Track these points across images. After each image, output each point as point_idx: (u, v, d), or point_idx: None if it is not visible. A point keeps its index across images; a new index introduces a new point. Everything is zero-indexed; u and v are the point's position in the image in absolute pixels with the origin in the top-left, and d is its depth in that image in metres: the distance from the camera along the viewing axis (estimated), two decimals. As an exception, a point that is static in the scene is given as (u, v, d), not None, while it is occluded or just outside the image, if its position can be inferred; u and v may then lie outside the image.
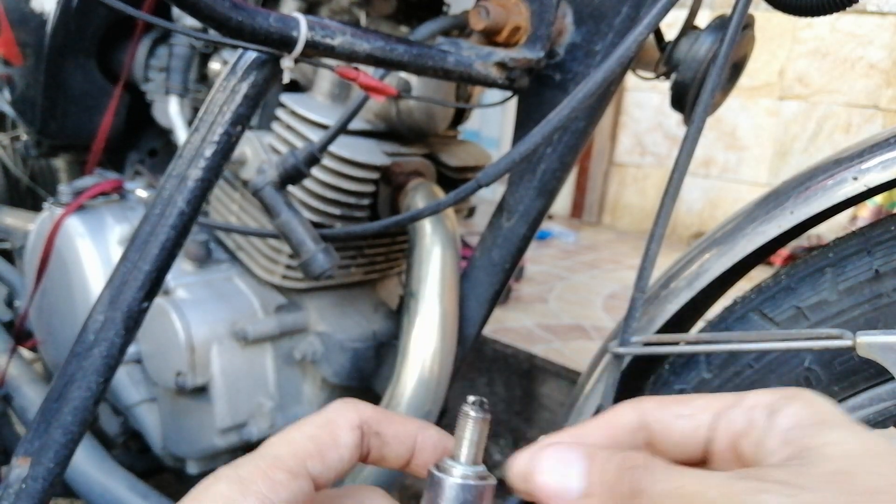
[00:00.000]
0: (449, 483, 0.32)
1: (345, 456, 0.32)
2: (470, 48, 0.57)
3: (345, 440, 0.32)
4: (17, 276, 1.20)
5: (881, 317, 0.48)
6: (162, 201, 0.49)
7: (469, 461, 0.32)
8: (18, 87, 1.03)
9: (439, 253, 0.73)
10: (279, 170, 0.70)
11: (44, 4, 0.94)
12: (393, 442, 0.34)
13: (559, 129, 0.54)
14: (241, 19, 0.42)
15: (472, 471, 0.32)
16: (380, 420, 0.34)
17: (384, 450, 0.34)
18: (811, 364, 0.51)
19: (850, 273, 0.50)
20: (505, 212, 0.67)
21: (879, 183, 0.48)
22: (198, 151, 0.48)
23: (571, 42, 0.60)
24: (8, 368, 1.03)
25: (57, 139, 1.05)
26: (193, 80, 0.99)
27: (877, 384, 0.50)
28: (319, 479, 0.31)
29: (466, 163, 0.87)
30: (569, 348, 2.04)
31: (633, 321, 0.56)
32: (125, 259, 0.49)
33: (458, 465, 0.32)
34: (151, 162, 1.13)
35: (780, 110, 3.71)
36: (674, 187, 0.53)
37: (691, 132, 0.53)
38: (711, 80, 0.52)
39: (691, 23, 0.65)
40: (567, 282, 2.86)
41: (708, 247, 0.58)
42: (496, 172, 0.56)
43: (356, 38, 0.48)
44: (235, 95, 0.48)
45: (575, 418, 0.65)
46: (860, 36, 3.40)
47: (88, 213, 0.96)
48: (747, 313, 0.55)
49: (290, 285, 0.87)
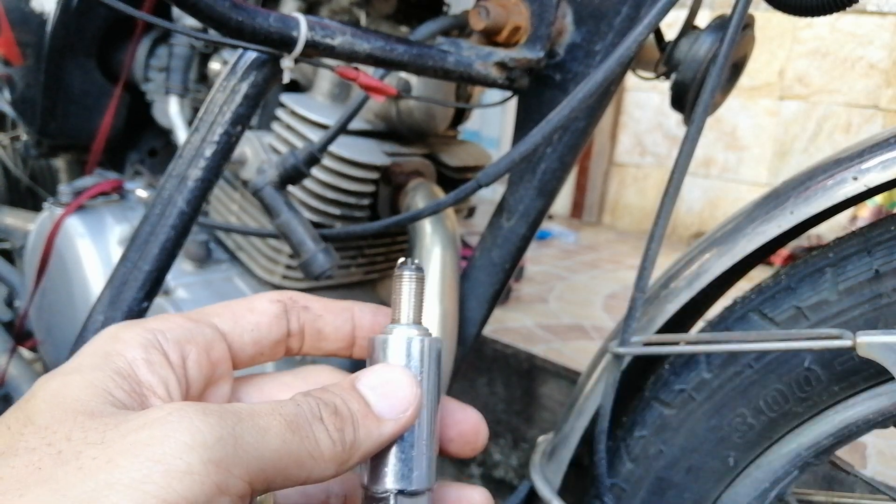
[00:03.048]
0: (384, 341, 0.30)
1: (262, 322, 0.32)
2: (470, 48, 0.57)
3: (261, 307, 0.32)
4: (17, 276, 1.20)
5: (881, 317, 0.48)
6: (162, 201, 0.49)
7: (409, 320, 0.31)
8: (18, 87, 1.03)
9: (439, 253, 0.73)
10: (279, 170, 0.70)
11: (44, 4, 0.94)
12: (326, 314, 0.33)
13: (559, 129, 0.54)
14: (241, 19, 0.42)
15: (415, 328, 0.31)
16: (307, 297, 0.33)
17: (318, 324, 0.33)
18: (811, 364, 0.51)
19: (850, 273, 0.50)
20: (505, 212, 0.67)
21: (879, 183, 0.48)
22: (198, 151, 0.48)
23: (571, 42, 0.60)
24: (8, 368, 1.03)
25: (57, 139, 1.05)
26: (193, 80, 0.99)
27: (877, 384, 0.50)
28: (233, 336, 0.31)
29: (466, 163, 0.87)
30: (569, 348, 2.04)
31: (633, 321, 0.56)
32: (125, 259, 0.49)
33: (398, 326, 0.31)
34: (151, 162, 1.13)
35: (780, 110, 3.71)
36: (674, 187, 0.53)
37: (691, 132, 0.53)
38: (711, 80, 0.52)
39: (691, 23, 0.65)
40: (567, 282, 2.86)
41: (708, 247, 0.58)
42: (496, 172, 0.56)
43: (356, 38, 0.48)
44: (235, 95, 0.48)
45: (575, 418, 0.65)
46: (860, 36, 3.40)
47: (88, 213, 0.96)
48: (747, 313, 0.55)
49: (290, 285, 0.87)
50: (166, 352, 0.28)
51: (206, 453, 0.21)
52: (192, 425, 0.22)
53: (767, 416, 0.54)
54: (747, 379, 0.54)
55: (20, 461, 0.22)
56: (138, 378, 0.26)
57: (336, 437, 0.26)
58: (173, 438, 0.21)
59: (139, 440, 0.21)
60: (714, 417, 0.56)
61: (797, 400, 0.53)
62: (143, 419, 0.22)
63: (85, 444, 0.22)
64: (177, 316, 0.30)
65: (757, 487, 0.57)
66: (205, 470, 0.21)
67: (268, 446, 0.23)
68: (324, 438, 0.26)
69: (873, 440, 1.59)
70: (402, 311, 0.31)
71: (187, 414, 0.22)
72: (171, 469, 0.21)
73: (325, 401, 0.27)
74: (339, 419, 0.26)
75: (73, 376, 0.25)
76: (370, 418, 0.28)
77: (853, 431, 0.52)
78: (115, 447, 0.22)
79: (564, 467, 0.65)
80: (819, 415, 0.53)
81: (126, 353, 0.27)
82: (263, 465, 0.23)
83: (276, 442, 0.24)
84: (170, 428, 0.22)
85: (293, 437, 0.24)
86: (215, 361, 0.30)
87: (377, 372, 0.29)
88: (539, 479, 0.65)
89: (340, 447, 0.26)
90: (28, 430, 0.23)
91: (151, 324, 0.29)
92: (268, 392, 0.32)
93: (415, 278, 0.31)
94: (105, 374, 0.26)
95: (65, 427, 0.23)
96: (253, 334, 0.32)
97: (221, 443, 0.22)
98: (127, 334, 0.28)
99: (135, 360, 0.27)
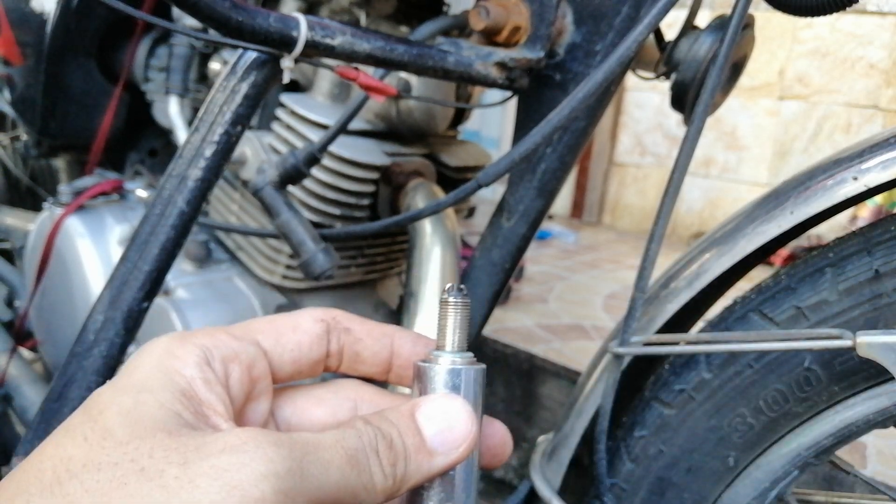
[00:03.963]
0: (436, 370, 0.30)
1: (303, 342, 0.32)
2: (470, 48, 0.57)
3: (304, 326, 0.32)
4: (17, 276, 1.20)
5: (881, 317, 0.48)
6: (162, 201, 0.49)
7: (455, 348, 0.31)
8: (18, 87, 1.03)
9: (439, 253, 0.73)
10: (279, 170, 0.70)
11: (44, 4, 0.94)
12: (366, 339, 0.34)
13: (559, 129, 0.54)
14: (241, 19, 0.42)
15: (460, 356, 0.31)
16: (350, 318, 0.34)
17: (357, 347, 0.33)
18: (811, 364, 0.51)
19: (850, 273, 0.50)
20: (505, 212, 0.67)
21: (879, 183, 0.48)
22: (198, 151, 0.48)
23: (571, 42, 0.60)
24: (8, 368, 1.03)
25: (57, 139, 1.05)
26: (193, 80, 0.99)
27: (877, 384, 0.50)
28: (273, 355, 0.31)
29: (466, 163, 0.87)
30: (569, 348, 2.04)
31: (633, 321, 0.56)
32: (125, 259, 0.49)
33: (444, 353, 0.31)
34: (151, 162, 1.13)
35: (780, 110, 3.71)
36: (674, 187, 0.53)
37: (691, 132, 0.53)
38: (711, 80, 0.52)
39: (691, 23, 0.65)
40: (567, 282, 2.86)
41: (708, 247, 0.58)
42: (496, 172, 0.56)
43: (356, 38, 0.48)
44: (235, 95, 0.48)
45: (575, 418, 0.65)
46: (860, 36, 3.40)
47: (88, 213, 0.96)
48: (747, 313, 0.55)
49: (290, 285, 0.87)
50: (215, 370, 0.29)
51: (278, 483, 0.23)
52: (265, 455, 0.24)
53: (767, 416, 0.54)
54: (747, 379, 0.54)
55: (104, 476, 0.23)
56: (199, 398, 0.27)
57: (388, 472, 0.27)
58: (249, 467, 0.23)
59: (218, 465, 0.23)
60: (714, 417, 0.56)
61: (797, 400, 0.53)
62: (221, 444, 0.24)
63: (167, 464, 0.23)
64: (221, 331, 0.30)
65: (757, 487, 0.57)
66: (275, 499, 0.23)
67: (329, 479, 0.25)
68: (378, 473, 0.27)
69: (873, 440, 1.59)
70: (447, 339, 0.31)
71: (262, 444, 0.24)
72: (247, 496, 0.22)
73: (384, 433, 0.28)
74: (394, 454, 0.28)
75: (145, 395, 0.26)
76: (423, 453, 0.28)
77: (853, 431, 0.52)
78: (195, 469, 0.23)
79: (564, 467, 0.65)
80: (819, 415, 0.53)
81: (185, 372, 0.28)
82: (322, 495, 0.25)
83: (337, 475, 0.25)
84: (246, 457, 0.23)
85: (351, 471, 0.26)
86: (255, 378, 0.31)
87: (437, 403, 0.29)
88: (539, 478, 0.65)
89: (391, 481, 0.27)
90: (108, 443, 0.24)
91: (200, 339, 0.29)
92: (301, 406, 0.33)
93: (461, 305, 0.32)
94: (173, 395, 0.26)
95: (146, 444, 0.24)
96: (293, 353, 0.32)
97: (290, 474, 0.24)
98: (181, 351, 0.28)
99: (193, 378, 0.28)
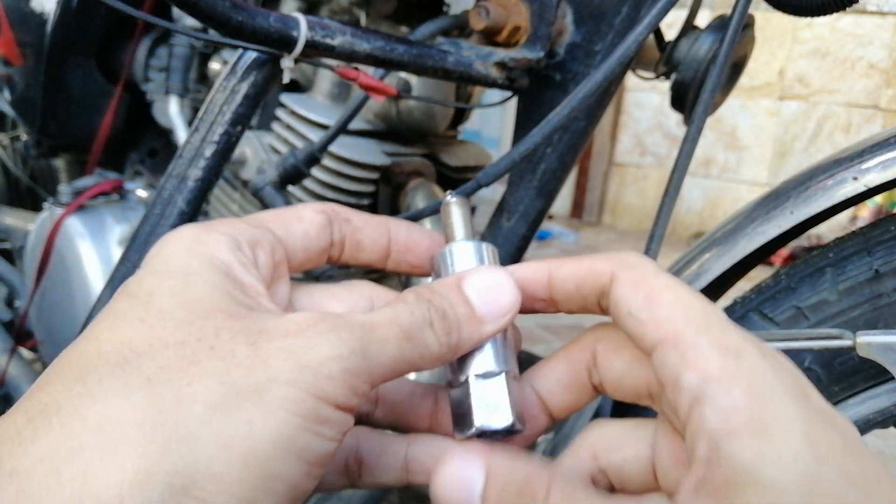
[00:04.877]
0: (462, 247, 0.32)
1: (310, 231, 0.33)
2: (470, 48, 0.57)
3: (308, 217, 0.33)
4: (17, 276, 1.20)
5: (881, 317, 0.48)
6: (162, 201, 0.49)
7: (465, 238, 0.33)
8: (18, 87, 1.03)
9: (439, 253, 0.72)
10: (279, 170, 0.70)
11: (44, 4, 0.94)
12: (365, 227, 0.35)
13: (559, 129, 0.54)
14: (241, 19, 0.42)
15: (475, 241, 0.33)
16: (347, 210, 0.35)
17: (358, 236, 0.34)
18: (811, 364, 0.51)
19: (850, 273, 0.50)
20: (505, 212, 0.67)
21: (879, 183, 0.48)
22: (198, 151, 0.48)
23: (571, 42, 0.60)
24: (8, 368, 1.03)
25: (57, 139, 1.05)
26: (193, 80, 0.99)
27: (877, 384, 0.50)
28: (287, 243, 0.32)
29: (466, 163, 0.87)
30: (569, 348, 2.03)
31: (633, 321, 0.56)
32: (125, 259, 0.49)
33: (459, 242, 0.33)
34: (151, 162, 1.13)
35: (780, 110, 3.71)
36: (674, 187, 0.53)
37: (691, 132, 0.53)
38: (711, 80, 0.52)
39: (691, 23, 0.65)
40: (567, 282, 2.85)
41: (708, 247, 0.58)
42: (496, 172, 0.56)
43: (356, 38, 0.48)
44: (235, 95, 0.48)
45: (575, 418, 0.65)
46: (860, 36, 3.40)
47: (88, 213, 0.96)
48: (747, 313, 0.55)
49: (290, 285, 0.87)
50: (245, 254, 0.29)
51: (343, 363, 0.25)
52: (329, 338, 0.25)
53: (767, 416, 0.54)
54: (747, 379, 0.54)
55: (173, 353, 0.23)
56: (241, 280, 0.28)
57: (444, 342, 0.28)
58: (317, 349, 0.24)
59: (286, 347, 0.24)
60: (714, 417, 0.56)
61: (797, 400, 0.53)
62: (284, 327, 0.25)
63: (235, 344, 0.24)
64: (236, 220, 0.30)
65: (757, 487, 0.57)
66: (342, 377, 0.24)
67: (387, 355, 0.26)
68: (433, 343, 0.28)
69: (873, 440, 1.59)
70: (457, 232, 0.33)
71: (325, 328, 0.25)
72: (319, 374, 0.24)
73: (436, 305, 0.29)
74: (447, 324, 0.29)
75: (193, 277, 0.26)
76: (474, 322, 0.29)
77: (853, 431, 0.52)
78: (265, 349, 0.24)
79: (564, 467, 0.65)
80: (819, 415, 0.53)
81: (221, 257, 0.28)
82: (383, 370, 0.26)
83: (395, 350, 0.27)
84: (312, 340, 0.25)
85: (408, 344, 0.27)
86: (278, 263, 0.31)
87: (482, 275, 0.31)
88: (539, 479, 0.65)
89: (446, 349, 0.29)
90: (169, 324, 0.24)
91: (221, 227, 0.29)
92: (318, 300, 0.34)
93: (464, 203, 0.34)
94: (219, 277, 0.27)
95: (209, 324, 0.24)
96: (303, 241, 0.33)
97: (353, 354, 0.25)
98: (209, 238, 0.28)
99: (231, 262, 0.28)
